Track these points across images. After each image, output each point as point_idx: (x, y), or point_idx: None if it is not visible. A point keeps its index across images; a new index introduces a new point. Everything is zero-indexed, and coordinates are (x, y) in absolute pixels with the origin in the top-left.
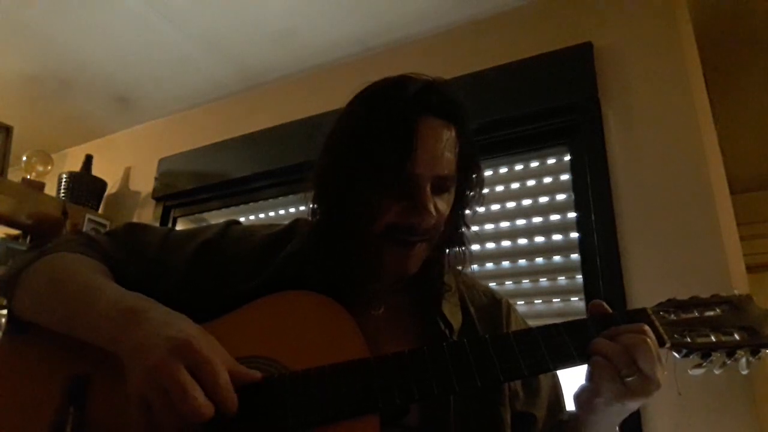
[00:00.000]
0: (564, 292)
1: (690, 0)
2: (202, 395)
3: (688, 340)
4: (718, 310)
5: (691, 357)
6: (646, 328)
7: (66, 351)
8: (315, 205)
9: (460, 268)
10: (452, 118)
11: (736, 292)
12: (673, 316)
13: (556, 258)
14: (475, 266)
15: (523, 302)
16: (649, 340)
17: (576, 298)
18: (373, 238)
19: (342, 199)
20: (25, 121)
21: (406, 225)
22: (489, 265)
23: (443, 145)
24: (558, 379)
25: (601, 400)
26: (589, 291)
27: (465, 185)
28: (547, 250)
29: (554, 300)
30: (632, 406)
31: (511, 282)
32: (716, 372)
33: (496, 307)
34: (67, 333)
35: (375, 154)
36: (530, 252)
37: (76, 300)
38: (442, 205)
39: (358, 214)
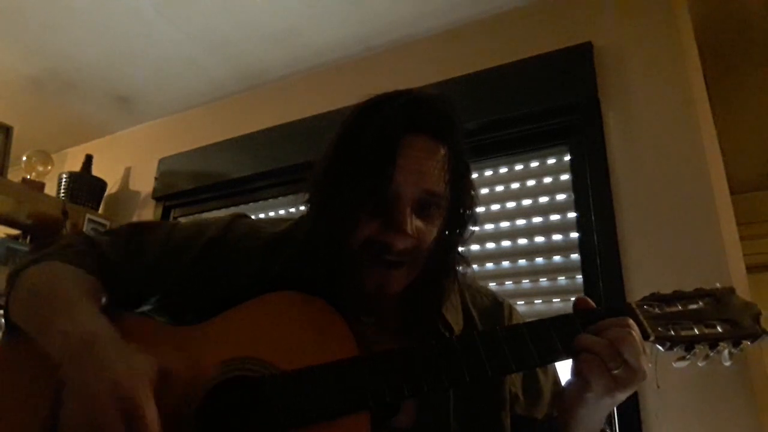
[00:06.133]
0: (564, 292)
1: (690, 0)
2: None
3: (672, 333)
4: (701, 303)
5: (674, 350)
6: (630, 321)
7: None
8: (307, 211)
9: (460, 269)
10: (441, 135)
11: (718, 285)
12: (657, 310)
13: (556, 258)
14: (474, 266)
15: (523, 302)
16: (633, 332)
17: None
18: (353, 252)
19: (326, 210)
20: (25, 121)
21: (381, 242)
22: (489, 265)
23: (429, 163)
24: (559, 377)
25: (591, 394)
26: (589, 291)
27: (457, 204)
28: (547, 250)
29: (554, 300)
30: (620, 397)
31: (511, 282)
32: (700, 364)
33: (497, 309)
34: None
35: (357, 168)
36: (530, 252)
37: (46, 315)
38: (426, 225)
39: (338, 226)
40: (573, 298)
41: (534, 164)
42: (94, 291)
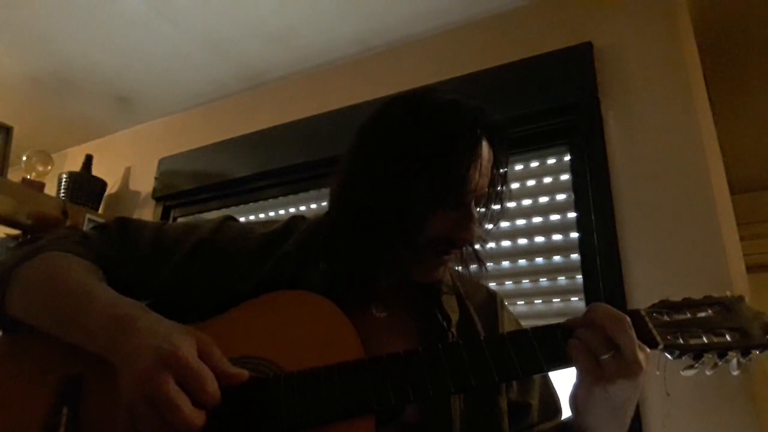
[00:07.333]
0: (564, 292)
1: (690, 0)
2: (189, 405)
3: (681, 341)
4: (710, 312)
5: (683, 358)
6: (623, 315)
7: (60, 351)
8: (343, 204)
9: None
10: (497, 144)
11: (728, 293)
12: (665, 318)
13: (556, 258)
14: (473, 266)
15: (523, 302)
16: (623, 317)
17: (576, 298)
18: (413, 246)
19: (390, 206)
20: (25, 121)
21: (453, 236)
22: (489, 265)
23: (487, 166)
24: None
25: (582, 391)
26: (589, 291)
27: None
28: (547, 250)
29: (554, 300)
30: (617, 393)
31: (511, 282)
32: (708, 373)
33: (491, 301)
34: (59, 337)
35: (437, 168)
36: (530, 252)
37: (69, 305)
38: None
39: (406, 223)
40: (573, 298)
41: (534, 164)
42: (104, 277)
